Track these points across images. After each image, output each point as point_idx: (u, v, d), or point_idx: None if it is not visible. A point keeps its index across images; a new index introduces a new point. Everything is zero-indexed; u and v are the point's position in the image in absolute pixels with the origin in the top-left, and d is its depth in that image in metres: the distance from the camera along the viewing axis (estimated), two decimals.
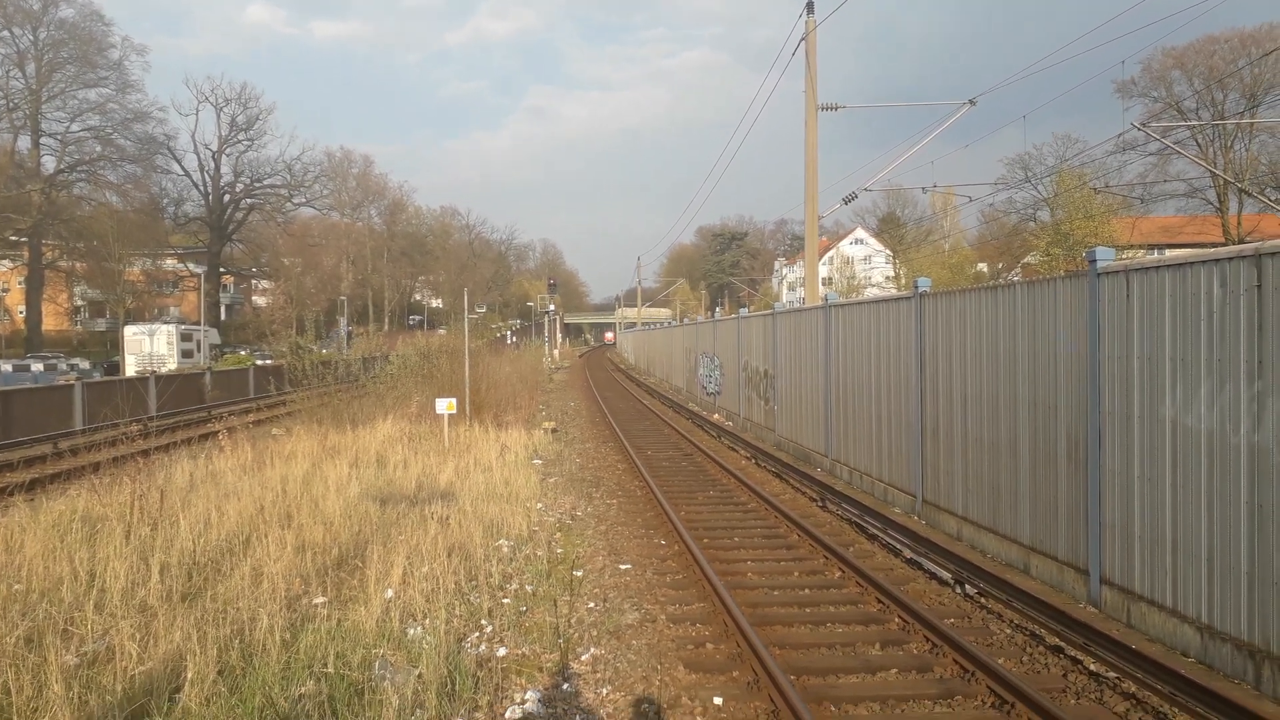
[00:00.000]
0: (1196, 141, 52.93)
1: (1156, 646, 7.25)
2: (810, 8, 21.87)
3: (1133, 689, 6.51)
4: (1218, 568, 6.85)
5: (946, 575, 9.42)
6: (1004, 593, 8.52)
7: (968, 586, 9.01)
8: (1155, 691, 6.35)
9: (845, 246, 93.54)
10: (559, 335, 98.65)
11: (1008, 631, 7.90)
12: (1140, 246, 50.10)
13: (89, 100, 69.22)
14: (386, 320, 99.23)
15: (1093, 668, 6.93)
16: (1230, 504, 6.76)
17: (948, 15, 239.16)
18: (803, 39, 22.13)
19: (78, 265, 69.89)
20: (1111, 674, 6.77)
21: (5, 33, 64.47)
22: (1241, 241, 46.94)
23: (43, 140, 68.14)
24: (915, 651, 7.44)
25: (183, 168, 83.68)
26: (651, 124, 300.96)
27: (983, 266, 68.52)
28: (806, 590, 9.23)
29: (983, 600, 8.70)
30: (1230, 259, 6.81)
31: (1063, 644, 7.40)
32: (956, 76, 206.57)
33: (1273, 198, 48.93)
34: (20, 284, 72.36)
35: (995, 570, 9.20)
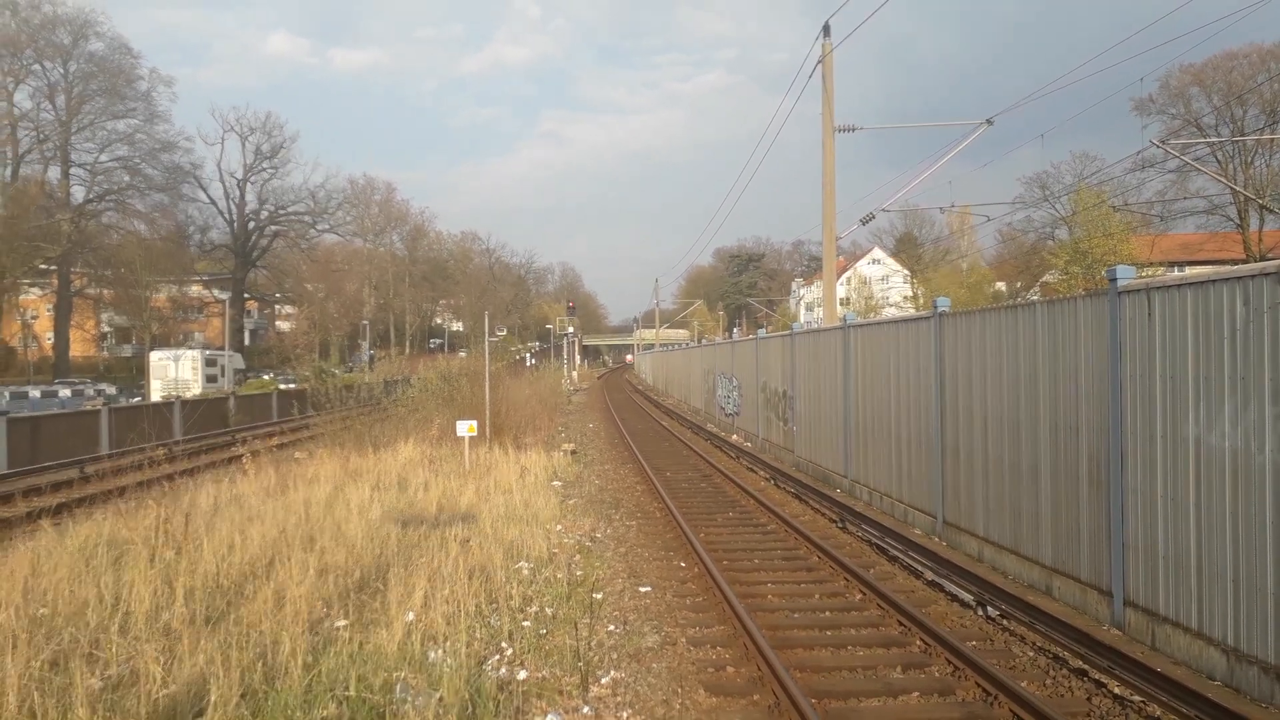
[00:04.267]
0: (1216, 158, 52.55)
1: (1182, 669, 7.15)
2: (826, 31, 21.99)
3: (1158, 713, 6.43)
4: (1243, 589, 6.77)
5: (968, 597, 9.35)
6: (1026, 615, 8.45)
7: (990, 608, 8.93)
8: (1180, 715, 6.27)
9: (863, 267, 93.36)
10: (578, 357, 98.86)
11: (1030, 654, 7.83)
12: (1160, 264, 49.74)
13: (117, 131, 70.59)
14: (408, 344, 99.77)
15: (1117, 691, 6.85)
16: (1255, 524, 6.68)
17: (964, 35, 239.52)
18: (819, 61, 22.25)
19: (105, 292, 70.95)
20: (1136, 697, 6.69)
21: (36, 66, 65.95)
22: (1263, 258, 46.54)
23: (72, 170, 69.52)
24: (937, 674, 7.38)
25: (208, 196, 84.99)
26: (667, 147, 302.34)
27: (1001, 286, 68.19)
28: (828, 613, 9.18)
29: (1005, 622, 8.62)
30: (1253, 276, 6.77)
31: (1086, 667, 7.32)
32: (973, 96, 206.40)
33: None
34: (49, 311, 73.43)
35: (1017, 592, 9.13)
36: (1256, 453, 6.69)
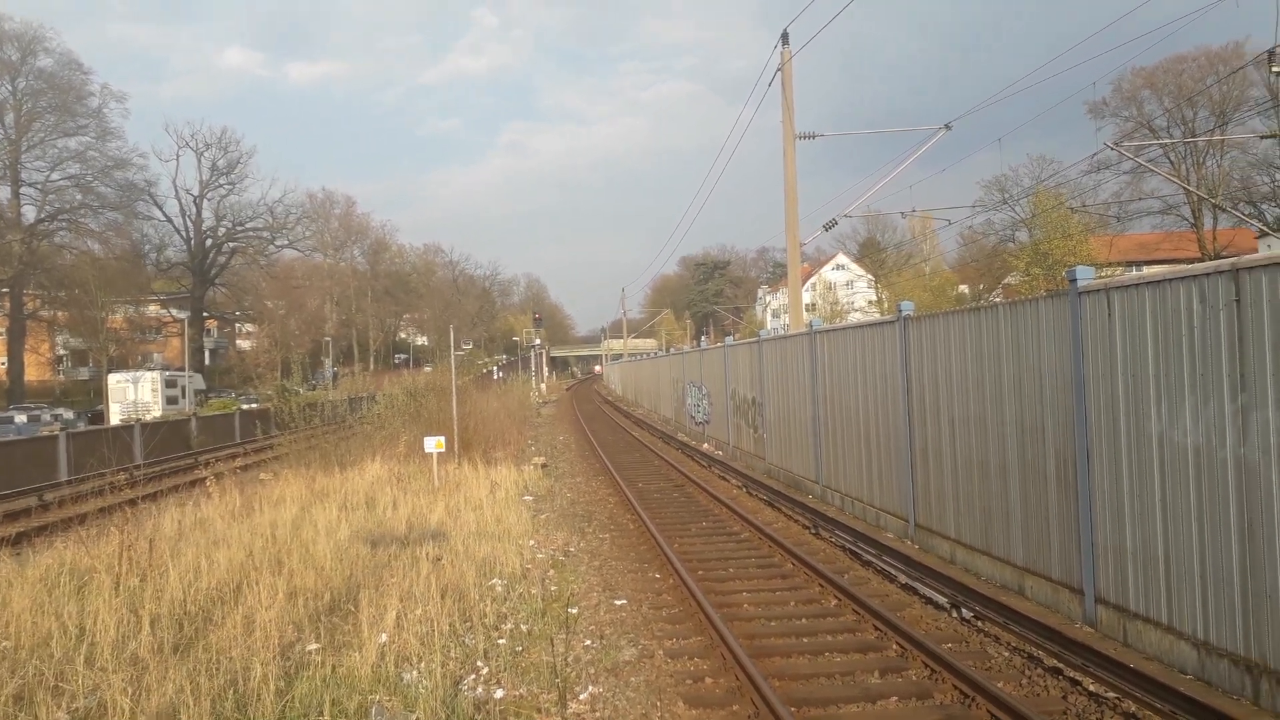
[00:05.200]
0: (1169, 159, 53.70)
1: (1154, 664, 7.24)
2: (785, 39, 22.16)
3: (1133, 708, 6.50)
4: (1211, 583, 6.88)
5: (942, 599, 9.41)
6: (1000, 615, 8.52)
7: (964, 610, 9.00)
8: (1155, 710, 6.35)
9: (827, 272, 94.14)
10: (545, 369, 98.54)
11: (1006, 654, 7.89)
12: (1118, 264, 50.64)
13: (69, 148, 69.38)
14: (372, 360, 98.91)
15: (1092, 688, 6.92)
16: (1220, 518, 6.79)
17: (921, 41, 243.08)
18: (778, 69, 22.42)
19: (60, 314, 69.56)
20: (1111, 694, 6.76)
21: None
22: (1218, 256, 47.56)
23: (23, 190, 68.07)
24: (914, 678, 7.41)
25: (164, 214, 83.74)
26: (630, 155, 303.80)
27: (964, 288, 69.08)
28: (803, 620, 9.20)
29: (980, 623, 8.69)
30: (1209, 275, 6.90)
31: (1061, 665, 7.39)
32: (932, 101, 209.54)
33: (1246, 212, 49.68)
34: (2, 335, 71.84)
35: (990, 593, 9.20)
36: (1218, 448, 6.81)
